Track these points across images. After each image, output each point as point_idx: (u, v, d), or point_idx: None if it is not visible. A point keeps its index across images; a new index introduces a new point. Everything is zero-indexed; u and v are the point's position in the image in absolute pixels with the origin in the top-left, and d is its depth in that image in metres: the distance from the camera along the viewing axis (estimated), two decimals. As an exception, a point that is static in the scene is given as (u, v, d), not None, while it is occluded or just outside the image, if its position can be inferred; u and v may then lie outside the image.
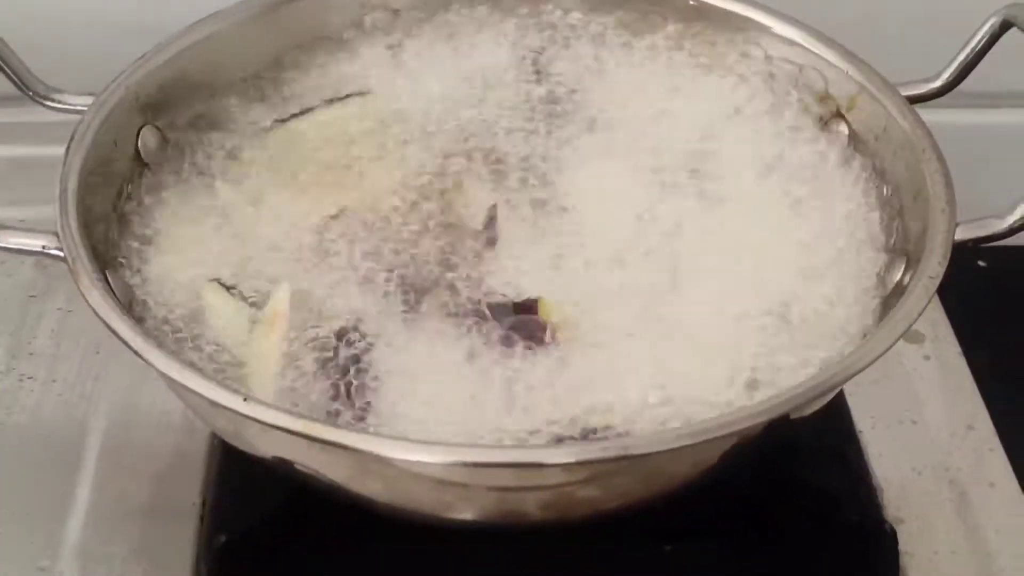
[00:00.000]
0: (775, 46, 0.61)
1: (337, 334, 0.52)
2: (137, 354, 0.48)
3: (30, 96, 0.58)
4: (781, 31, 0.61)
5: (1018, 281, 0.71)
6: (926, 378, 0.64)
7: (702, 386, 0.50)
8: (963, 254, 0.53)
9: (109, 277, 0.52)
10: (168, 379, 0.48)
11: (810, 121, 0.60)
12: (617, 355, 0.51)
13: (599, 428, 0.49)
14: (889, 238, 0.56)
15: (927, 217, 0.53)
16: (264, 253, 0.55)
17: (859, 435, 0.60)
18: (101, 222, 0.54)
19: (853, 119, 0.59)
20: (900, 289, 0.52)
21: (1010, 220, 0.53)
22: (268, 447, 0.49)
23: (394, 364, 0.51)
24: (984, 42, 0.59)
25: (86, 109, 0.56)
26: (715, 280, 0.54)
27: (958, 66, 0.60)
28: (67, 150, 0.54)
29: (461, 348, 0.51)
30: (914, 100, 0.59)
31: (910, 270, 0.52)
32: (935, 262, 0.51)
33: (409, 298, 0.53)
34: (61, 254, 0.51)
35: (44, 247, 0.51)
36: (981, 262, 0.71)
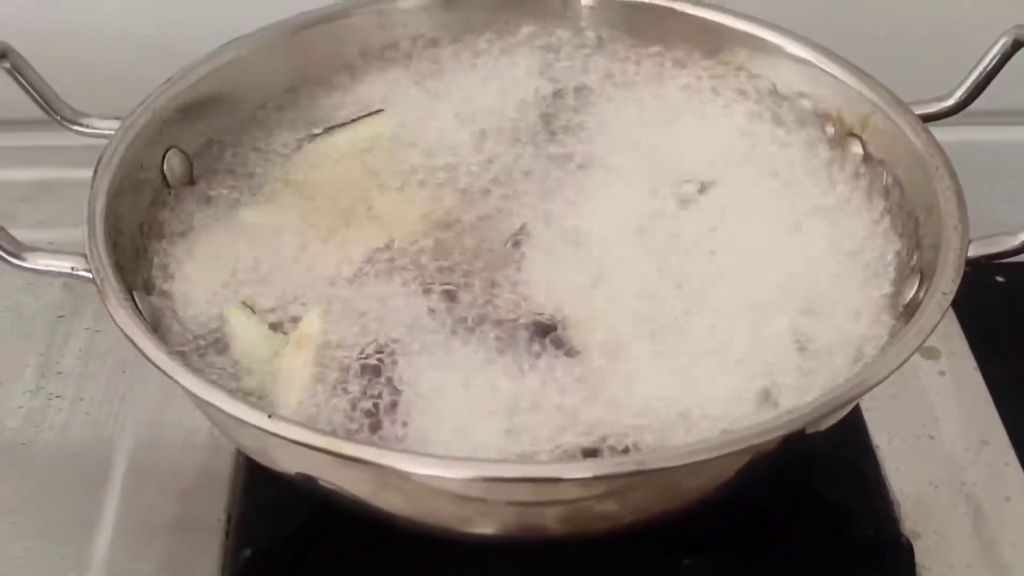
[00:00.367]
0: (788, 66, 0.62)
1: (363, 355, 0.53)
2: (164, 372, 0.49)
3: (58, 120, 0.59)
4: (794, 51, 0.62)
5: (1032, 297, 0.72)
6: (942, 393, 0.64)
7: (718, 401, 0.51)
8: (980, 270, 0.53)
9: (136, 298, 0.52)
10: (194, 397, 0.49)
11: (824, 140, 0.61)
12: (635, 371, 0.52)
13: (616, 444, 0.49)
14: (903, 255, 0.56)
15: (940, 234, 0.53)
16: (289, 276, 0.56)
17: (876, 450, 0.61)
18: (128, 244, 0.55)
19: (866, 138, 0.60)
20: (914, 305, 0.52)
21: (1022, 236, 0.53)
22: (292, 463, 0.50)
23: (417, 382, 0.52)
24: (996, 61, 0.59)
25: (112, 133, 0.57)
26: (729, 297, 0.54)
27: (971, 85, 0.60)
28: (95, 173, 0.55)
29: (485, 366, 0.52)
30: (927, 119, 0.59)
31: (924, 286, 0.53)
32: (948, 278, 0.51)
33: (434, 318, 0.54)
34: (89, 275, 0.52)
35: (73, 268, 0.52)
36: (999, 277, 0.72)
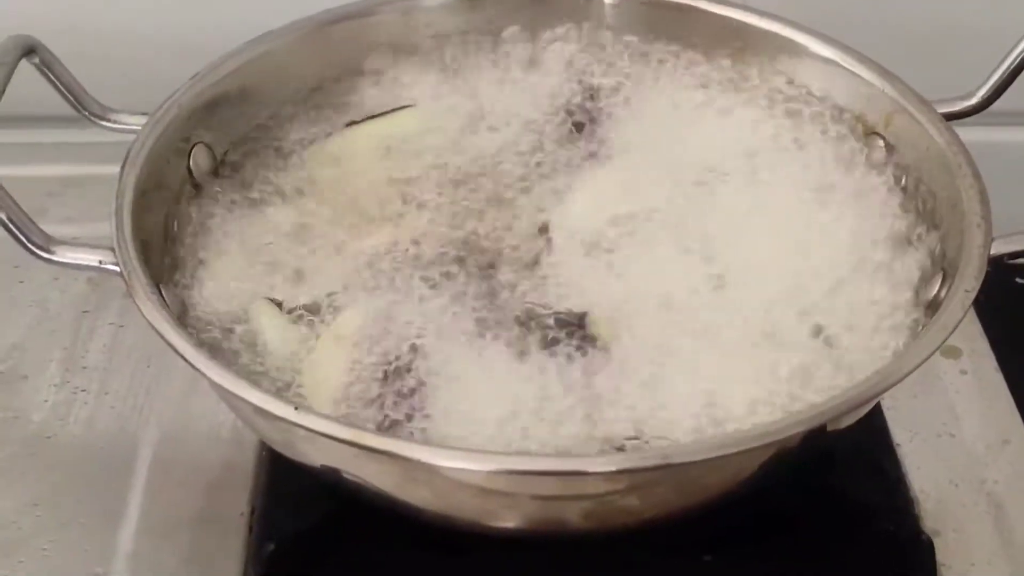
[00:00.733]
0: (811, 64, 0.62)
1: (390, 352, 0.53)
2: (190, 364, 0.49)
3: (86, 116, 0.60)
4: (817, 50, 0.62)
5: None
6: (963, 392, 0.64)
7: (739, 400, 0.51)
8: (1001, 271, 0.54)
9: (163, 291, 0.53)
10: (220, 389, 0.49)
11: (847, 138, 0.61)
12: (658, 366, 0.52)
13: (639, 438, 0.50)
14: (926, 253, 0.56)
15: (963, 232, 0.53)
16: (316, 272, 0.57)
17: (897, 448, 0.61)
18: (155, 239, 0.56)
19: (890, 136, 0.60)
20: (936, 303, 0.52)
21: (1045, 234, 0.53)
22: (317, 456, 0.50)
23: (442, 378, 0.52)
24: (1019, 60, 0.59)
25: (140, 128, 0.57)
26: (752, 294, 0.55)
27: (994, 83, 0.60)
28: (122, 168, 0.55)
29: (510, 363, 0.52)
30: (950, 117, 0.59)
31: (946, 284, 0.53)
32: (971, 276, 0.51)
33: (459, 315, 0.54)
34: (117, 269, 0.52)
35: (100, 262, 0.53)
36: (1019, 279, 0.72)
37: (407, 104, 0.63)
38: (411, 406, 0.51)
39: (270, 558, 0.56)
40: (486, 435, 0.50)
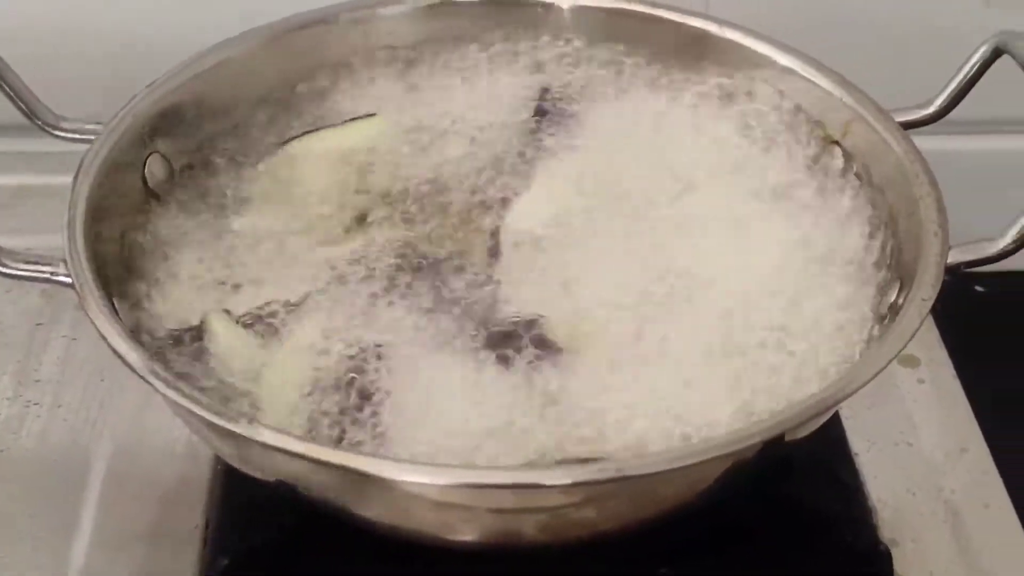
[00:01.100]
0: (770, 73, 0.62)
1: (348, 361, 0.53)
2: (143, 378, 0.49)
3: (38, 125, 0.59)
4: (776, 59, 0.62)
5: (1013, 306, 0.72)
6: (921, 401, 0.64)
7: (697, 409, 0.51)
8: (959, 278, 0.54)
9: (116, 304, 0.52)
10: (172, 403, 0.49)
11: (806, 147, 0.61)
12: (613, 378, 0.52)
13: (594, 451, 0.49)
14: (883, 262, 0.56)
15: (920, 241, 0.53)
16: (272, 282, 0.56)
17: (855, 457, 0.61)
18: (109, 250, 0.55)
19: (848, 145, 0.60)
20: (894, 311, 0.53)
21: (1001, 244, 0.53)
22: (272, 470, 0.49)
23: (399, 388, 0.52)
24: (976, 69, 0.60)
25: (94, 137, 0.57)
26: (709, 305, 0.55)
27: (951, 92, 0.60)
28: (75, 178, 0.55)
29: (467, 372, 0.52)
30: (908, 126, 0.59)
31: (903, 292, 0.53)
32: (928, 284, 0.51)
33: (416, 323, 0.54)
34: (69, 280, 0.51)
35: (52, 273, 0.52)
36: (978, 287, 0.72)
37: (367, 112, 0.63)
38: (366, 417, 0.51)
39: (224, 572, 0.55)
40: (443, 447, 0.49)
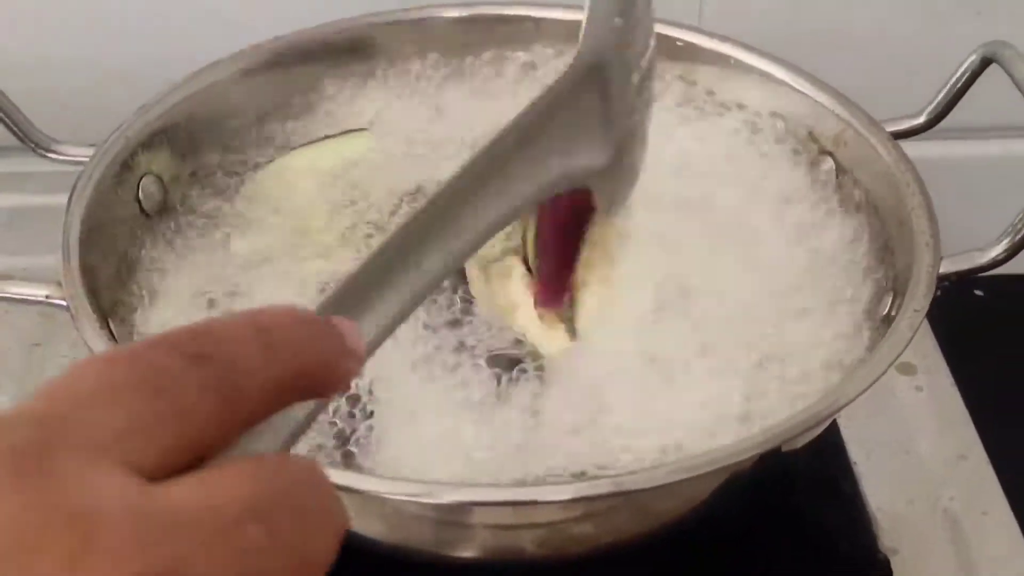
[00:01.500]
0: (761, 85, 0.62)
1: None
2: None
3: (31, 148, 0.59)
4: (767, 70, 0.62)
5: (1010, 309, 0.72)
6: (919, 409, 0.64)
7: (694, 422, 0.51)
8: (957, 283, 0.54)
9: (112, 325, 0.52)
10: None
11: (798, 158, 0.61)
12: (607, 394, 0.52)
13: (592, 466, 0.49)
14: (876, 272, 0.56)
15: (912, 251, 0.54)
16: (266, 299, 0.56)
17: (853, 466, 0.61)
18: (103, 271, 0.55)
19: (839, 155, 0.60)
20: (888, 322, 0.53)
21: (993, 253, 0.54)
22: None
23: (390, 410, 0.52)
24: (966, 78, 0.60)
25: (87, 160, 0.57)
26: (704, 316, 0.55)
27: (940, 102, 0.61)
28: (69, 200, 0.55)
29: (458, 395, 0.52)
30: (898, 136, 0.60)
31: (896, 303, 0.53)
32: (920, 295, 0.52)
33: (407, 345, 0.54)
34: (64, 303, 0.51)
35: (47, 296, 0.52)
36: (976, 291, 0.72)
37: (357, 128, 0.63)
38: (359, 437, 0.51)
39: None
40: (436, 466, 0.49)
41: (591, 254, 0.54)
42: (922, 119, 0.61)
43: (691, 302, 0.55)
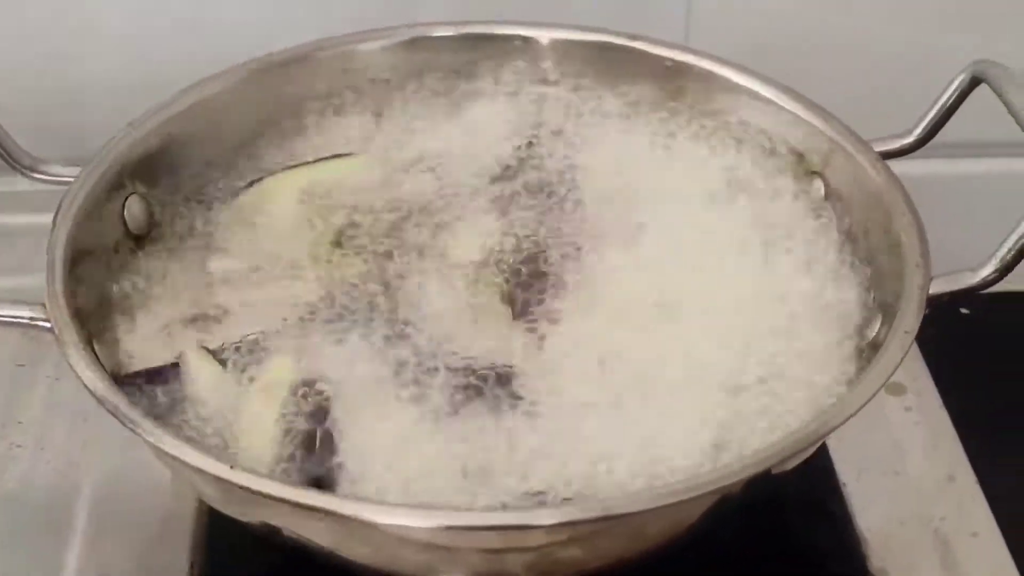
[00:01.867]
0: (750, 104, 0.62)
1: (313, 403, 0.52)
2: (124, 424, 0.48)
3: (16, 167, 0.59)
4: (756, 89, 0.62)
5: (999, 328, 0.72)
6: (908, 429, 0.64)
7: (680, 445, 0.51)
8: (944, 302, 0.54)
9: (96, 346, 0.52)
10: (155, 449, 0.48)
11: (786, 178, 0.61)
12: (591, 413, 0.51)
13: (567, 492, 0.49)
14: (866, 293, 0.56)
15: (902, 271, 0.53)
16: (251, 322, 0.56)
17: (842, 487, 0.61)
18: (88, 292, 0.55)
19: (828, 175, 0.60)
20: (878, 343, 0.52)
21: (983, 273, 0.54)
22: (254, 513, 0.49)
23: (366, 432, 0.51)
24: (955, 98, 0.60)
25: (72, 180, 0.57)
26: (690, 339, 0.54)
27: (930, 121, 0.61)
28: (54, 220, 0.55)
29: (437, 417, 0.52)
30: (887, 155, 0.59)
31: (886, 324, 0.53)
32: (910, 316, 0.51)
33: (385, 367, 0.53)
34: (48, 325, 0.51)
35: (32, 318, 0.52)
36: (963, 310, 0.72)
37: (342, 149, 0.63)
38: (331, 459, 0.50)
39: (211, 615, 0.55)
40: (413, 490, 0.49)
41: None
42: (911, 139, 0.61)
43: (676, 323, 0.55)
